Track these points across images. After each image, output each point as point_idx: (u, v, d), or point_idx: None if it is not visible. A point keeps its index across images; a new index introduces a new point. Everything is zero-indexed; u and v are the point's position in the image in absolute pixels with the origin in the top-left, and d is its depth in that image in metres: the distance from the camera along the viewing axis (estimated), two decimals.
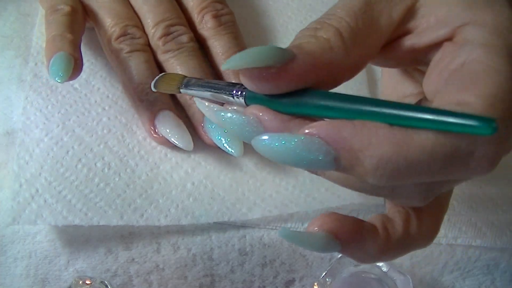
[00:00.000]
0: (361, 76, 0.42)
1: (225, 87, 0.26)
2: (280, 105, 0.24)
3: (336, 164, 0.22)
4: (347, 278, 0.35)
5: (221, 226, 0.37)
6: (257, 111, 0.24)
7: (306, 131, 0.22)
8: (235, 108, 0.25)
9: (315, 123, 0.22)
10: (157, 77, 0.32)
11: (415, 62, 0.28)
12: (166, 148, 0.38)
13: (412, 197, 0.25)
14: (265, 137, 0.23)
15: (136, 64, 0.39)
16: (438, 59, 0.25)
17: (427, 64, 0.27)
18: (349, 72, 0.26)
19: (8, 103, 0.40)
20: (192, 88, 0.30)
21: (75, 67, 0.33)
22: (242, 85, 0.25)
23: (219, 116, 0.25)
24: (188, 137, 0.37)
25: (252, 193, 0.37)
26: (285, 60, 0.23)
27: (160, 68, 0.40)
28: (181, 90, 0.30)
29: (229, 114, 0.25)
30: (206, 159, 0.38)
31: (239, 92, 0.25)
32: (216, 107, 0.26)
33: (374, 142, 0.21)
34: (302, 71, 0.23)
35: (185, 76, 0.31)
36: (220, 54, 0.40)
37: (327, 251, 0.25)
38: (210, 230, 0.36)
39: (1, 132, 0.39)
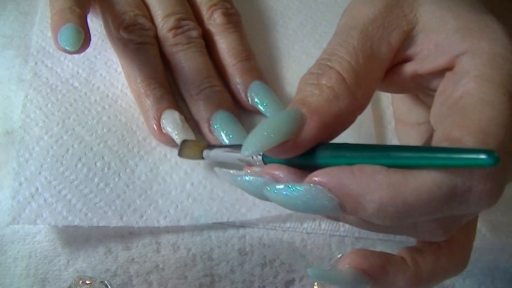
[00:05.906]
0: None
1: None
2: (295, 160, 0.25)
3: (342, 209, 0.23)
4: None
5: (221, 226, 0.37)
6: (273, 170, 0.25)
7: (312, 179, 0.23)
8: (254, 170, 0.26)
9: (318, 172, 0.23)
10: (181, 144, 0.35)
11: (419, 88, 0.28)
12: (165, 149, 0.38)
13: (433, 232, 0.25)
14: (278, 186, 0.24)
15: (145, 58, 0.38)
16: (441, 91, 0.25)
17: (431, 90, 0.27)
18: (358, 112, 0.26)
19: (8, 103, 0.40)
20: (214, 153, 0.33)
21: (85, 39, 0.33)
22: None
23: (236, 180, 0.26)
24: None
25: None
26: (298, 128, 0.23)
27: (164, 60, 0.40)
28: (203, 155, 0.33)
29: (247, 178, 0.25)
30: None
31: None
32: (235, 172, 0.27)
33: (372, 187, 0.22)
34: (315, 133, 0.24)
35: (208, 144, 0.35)
36: (226, 50, 0.40)
37: (359, 287, 0.26)
38: (210, 230, 0.36)
39: (1, 131, 0.39)
